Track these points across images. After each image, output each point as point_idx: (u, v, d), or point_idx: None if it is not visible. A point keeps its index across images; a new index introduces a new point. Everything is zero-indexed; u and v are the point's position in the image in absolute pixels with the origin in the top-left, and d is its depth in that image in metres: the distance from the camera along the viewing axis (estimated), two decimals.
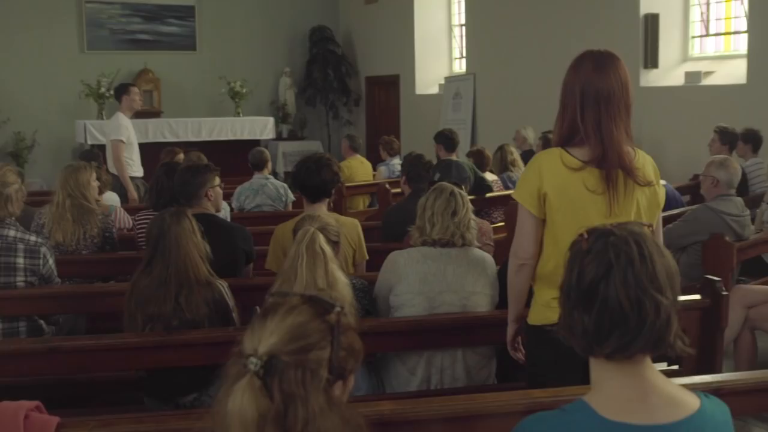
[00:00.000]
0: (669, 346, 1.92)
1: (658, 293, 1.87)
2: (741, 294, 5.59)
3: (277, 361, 1.73)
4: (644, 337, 1.87)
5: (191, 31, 16.38)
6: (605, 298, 1.88)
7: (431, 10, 15.36)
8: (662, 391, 1.93)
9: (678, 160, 9.79)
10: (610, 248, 1.91)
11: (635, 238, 1.92)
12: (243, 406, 1.71)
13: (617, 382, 1.93)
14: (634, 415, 1.88)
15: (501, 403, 2.80)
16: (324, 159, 4.94)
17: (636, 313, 1.86)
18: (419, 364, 3.95)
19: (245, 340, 1.79)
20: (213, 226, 4.74)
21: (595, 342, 1.92)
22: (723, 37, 10.65)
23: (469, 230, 4.05)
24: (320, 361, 1.78)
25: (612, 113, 3.12)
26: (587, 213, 3.06)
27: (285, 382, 1.73)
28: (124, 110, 9.22)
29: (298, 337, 1.77)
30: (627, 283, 1.87)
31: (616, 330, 1.88)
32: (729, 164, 5.96)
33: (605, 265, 1.90)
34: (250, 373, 1.72)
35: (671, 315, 1.89)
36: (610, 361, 1.92)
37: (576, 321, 1.94)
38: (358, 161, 10.53)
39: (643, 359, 1.93)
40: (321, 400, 1.76)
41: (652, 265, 1.88)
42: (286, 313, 1.80)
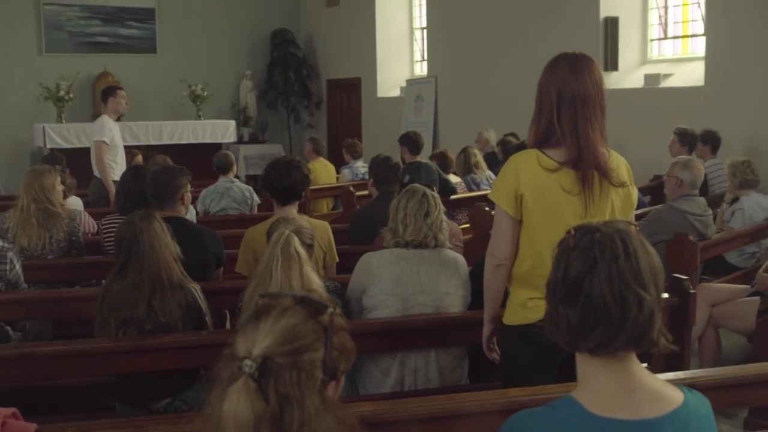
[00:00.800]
0: (652, 343, 1.94)
1: (641, 289, 1.89)
2: (705, 292, 5.68)
3: (272, 363, 1.73)
4: (627, 332, 1.89)
5: (151, 33, 16.25)
6: (589, 293, 1.91)
7: (392, 13, 15.40)
8: (648, 386, 1.96)
9: (638, 161, 9.82)
10: (595, 245, 1.94)
11: (621, 235, 1.95)
12: (238, 408, 1.70)
13: (603, 377, 1.95)
14: (621, 409, 1.91)
15: (479, 403, 2.82)
16: (294, 161, 4.94)
17: (619, 308, 1.89)
18: (393, 365, 3.96)
19: (238, 342, 1.79)
20: (184, 229, 4.72)
21: (579, 337, 1.94)
22: (681, 40, 10.80)
23: (442, 231, 4.08)
24: (314, 362, 1.78)
25: (588, 115, 3.17)
26: (563, 214, 3.10)
27: (280, 384, 1.73)
28: (110, 113, 9.12)
29: (292, 339, 1.77)
30: (611, 278, 1.90)
31: (600, 325, 1.90)
32: (693, 165, 6.06)
33: (590, 261, 1.93)
34: (245, 375, 1.72)
35: (654, 311, 1.92)
36: (595, 357, 1.94)
37: (561, 316, 1.96)
38: (321, 164, 10.52)
39: (628, 355, 1.95)
40: (316, 401, 1.76)
41: (636, 261, 1.91)
42: (279, 315, 1.80)
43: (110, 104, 9.14)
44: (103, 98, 9.35)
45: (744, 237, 6.49)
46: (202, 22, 16.46)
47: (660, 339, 1.96)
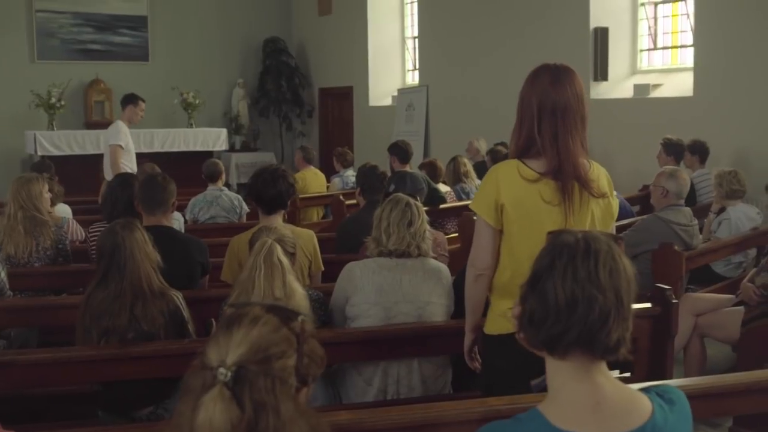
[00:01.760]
0: (606, 348, 1.94)
1: (594, 290, 1.91)
2: (690, 302, 5.70)
3: (247, 371, 1.75)
4: (575, 331, 1.90)
5: (144, 41, 16.25)
6: (544, 288, 1.95)
7: (384, 23, 15.44)
8: (615, 399, 1.96)
9: (627, 171, 9.94)
10: (558, 244, 1.98)
11: (588, 239, 1.98)
12: (214, 417, 1.71)
13: (570, 389, 1.95)
14: (586, 425, 1.91)
15: (458, 412, 2.83)
16: (279, 170, 4.95)
17: (568, 306, 1.91)
18: (376, 374, 3.97)
19: (210, 351, 1.80)
20: (169, 238, 4.74)
21: (533, 330, 1.97)
22: (670, 51, 10.86)
23: (425, 241, 4.09)
24: (287, 369, 1.80)
25: (568, 126, 3.18)
26: (543, 224, 3.10)
27: (255, 392, 1.74)
28: (125, 119, 9.29)
29: (266, 347, 1.79)
30: (565, 276, 1.93)
31: (549, 319, 1.93)
32: (679, 175, 6.08)
33: (550, 258, 1.97)
34: (219, 384, 1.73)
35: (610, 315, 1.91)
36: (565, 362, 1.95)
37: (525, 309, 2.00)
38: (312, 173, 10.54)
39: (595, 365, 1.95)
40: (291, 408, 1.78)
41: (594, 264, 1.93)
42: (251, 323, 1.82)
43: (128, 111, 9.33)
44: (123, 104, 9.47)
45: (730, 247, 6.52)
46: (195, 30, 16.47)
47: (621, 347, 1.95)
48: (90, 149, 13.45)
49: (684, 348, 5.70)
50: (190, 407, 1.74)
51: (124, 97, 9.55)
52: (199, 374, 1.78)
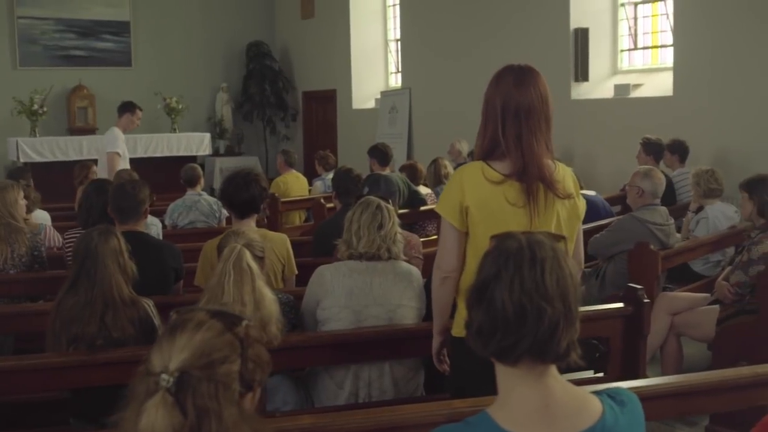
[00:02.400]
0: (558, 356, 1.93)
1: (543, 301, 1.89)
2: (666, 301, 5.72)
3: (189, 377, 1.75)
4: (526, 342, 1.89)
5: (126, 47, 16.21)
6: (492, 298, 1.92)
7: (367, 25, 15.44)
8: (565, 401, 1.95)
9: (608, 171, 9.97)
10: (503, 252, 1.96)
11: (532, 245, 1.95)
12: (156, 423, 1.71)
13: (519, 392, 1.95)
14: (535, 427, 1.91)
15: (423, 414, 2.82)
16: (252, 174, 4.95)
17: (517, 317, 1.89)
18: (347, 377, 3.97)
19: (153, 357, 1.80)
20: (143, 244, 4.72)
21: (483, 342, 1.95)
22: (650, 51, 10.89)
23: (396, 243, 4.09)
24: (231, 375, 1.80)
25: (532, 127, 3.18)
26: (508, 226, 3.09)
27: (198, 397, 1.74)
28: (121, 126, 9.30)
29: (208, 352, 1.79)
30: (512, 287, 1.90)
31: (499, 331, 1.91)
32: (653, 174, 6.09)
33: (496, 267, 1.94)
34: (162, 390, 1.73)
35: (559, 324, 1.90)
36: (514, 369, 1.94)
37: (472, 320, 1.98)
38: (293, 176, 10.53)
39: (544, 369, 1.95)
40: (234, 413, 1.78)
41: (541, 273, 1.91)
42: (195, 329, 1.82)
43: (125, 119, 9.35)
44: (120, 111, 9.47)
45: (707, 246, 6.54)
46: (178, 35, 16.44)
47: (571, 353, 1.94)
48: (73, 155, 13.44)
49: (661, 347, 5.71)
50: (134, 413, 1.74)
51: (122, 105, 9.55)
52: (144, 380, 1.78)
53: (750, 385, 3.39)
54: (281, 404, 3.96)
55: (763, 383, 3.36)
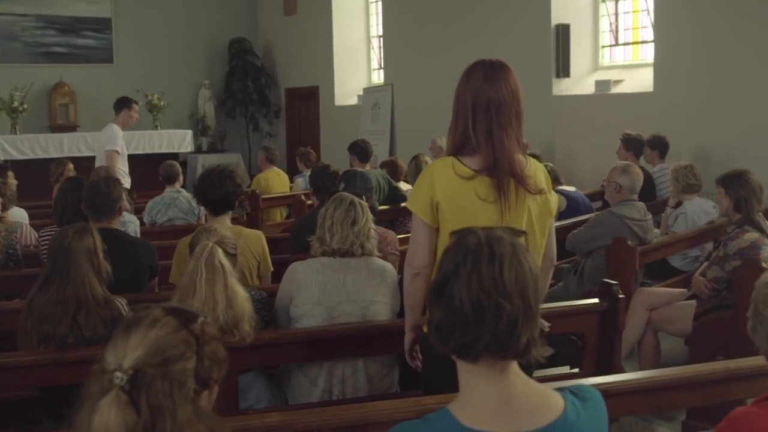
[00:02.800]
0: (518, 353, 1.92)
1: (501, 297, 1.87)
2: (643, 296, 5.73)
3: (143, 374, 1.73)
4: (485, 340, 1.87)
5: (108, 43, 16.13)
6: (451, 295, 1.90)
7: (349, 22, 15.42)
8: (526, 396, 1.94)
9: (589, 167, 9.99)
10: (462, 248, 1.94)
11: (491, 241, 1.93)
12: (110, 421, 1.69)
13: (480, 389, 1.94)
14: (496, 423, 1.89)
15: (392, 411, 2.81)
16: (226, 171, 4.92)
17: (476, 314, 1.88)
18: (320, 374, 3.95)
19: (107, 355, 1.78)
20: (117, 241, 4.69)
21: (440, 339, 1.94)
22: (632, 47, 10.91)
23: (369, 240, 4.07)
24: (186, 372, 1.79)
25: (503, 122, 3.16)
26: (479, 221, 3.07)
27: (152, 395, 1.72)
28: (119, 122, 9.25)
29: (163, 349, 1.77)
30: (470, 284, 1.89)
31: (458, 328, 1.89)
32: (631, 170, 6.10)
33: (455, 264, 1.93)
34: (115, 387, 1.71)
35: (518, 321, 1.89)
36: (475, 365, 1.93)
37: (432, 316, 1.96)
38: (274, 173, 10.51)
39: (505, 365, 1.93)
40: (189, 411, 1.77)
41: (500, 269, 1.89)
42: (149, 326, 1.80)
43: (123, 115, 9.28)
44: (117, 108, 9.39)
45: (685, 241, 6.55)
46: (159, 32, 16.38)
47: (531, 350, 1.93)
48: (53, 153, 13.35)
49: (638, 342, 5.72)
50: (88, 413, 1.72)
51: (118, 101, 9.49)
52: (98, 379, 1.75)
53: (723, 380, 3.40)
54: (254, 402, 3.95)
55: (736, 378, 3.37)
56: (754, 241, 5.23)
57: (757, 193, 5.37)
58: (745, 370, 3.30)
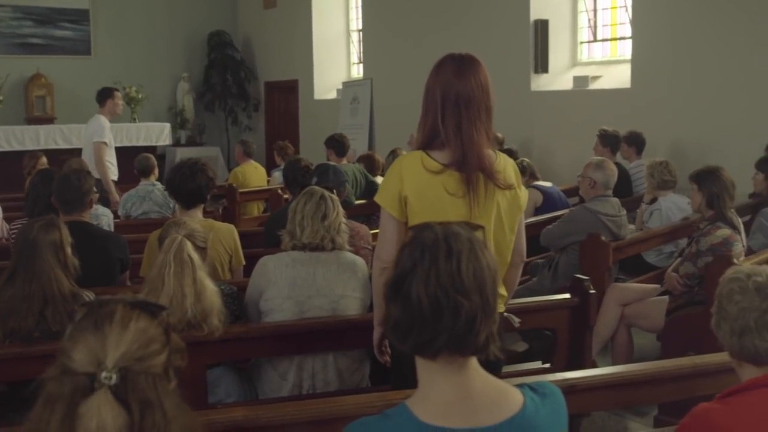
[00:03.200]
0: (477, 349, 1.91)
1: (459, 295, 1.86)
2: (617, 292, 5.74)
3: (128, 371, 1.69)
4: (443, 338, 1.86)
5: (86, 35, 16.00)
6: (408, 293, 1.89)
7: (329, 15, 15.39)
8: (485, 392, 1.93)
9: (566, 162, 10.00)
10: (419, 245, 1.92)
11: (448, 237, 1.92)
12: (105, 424, 1.64)
13: (438, 384, 1.92)
14: (454, 419, 1.88)
15: (357, 406, 2.80)
16: (198, 164, 4.90)
17: (434, 312, 1.86)
18: (290, 369, 3.92)
19: (76, 354, 1.71)
20: (87, 234, 4.67)
21: (398, 337, 1.93)
22: (610, 43, 10.94)
23: (340, 234, 4.05)
24: (163, 364, 1.77)
25: (472, 116, 3.14)
26: (447, 216, 3.05)
27: (139, 391, 1.69)
28: (106, 113, 9.23)
29: (144, 344, 1.74)
30: (428, 281, 1.87)
31: (416, 326, 1.88)
32: (605, 166, 6.11)
33: (412, 261, 1.91)
34: (104, 387, 1.67)
35: (476, 318, 1.87)
36: (434, 362, 1.92)
37: (389, 314, 1.95)
38: (251, 167, 10.47)
39: (464, 361, 1.92)
40: (174, 403, 1.75)
41: (457, 266, 1.88)
42: (124, 321, 1.76)
43: (108, 105, 9.26)
44: (99, 99, 9.37)
45: (660, 237, 6.57)
46: (138, 24, 16.27)
47: (490, 346, 1.92)
48: (30, 145, 13.24)
49: (612, 338, 5.73)
50: (59, 416, 1.67)
51: (100, 93, 9.47)
52: (66, 380, 1.70)
53: (691, 376, 3.41)
54: (224, 396, 3.92)
55: (704, 374, 3.38)
56: (726, 237, 5.25)
57: (730, 190, 5.39)
58: (711, 366, 3.32)
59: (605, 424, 5.10)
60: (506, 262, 3.32)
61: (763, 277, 2.50)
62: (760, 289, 2.47)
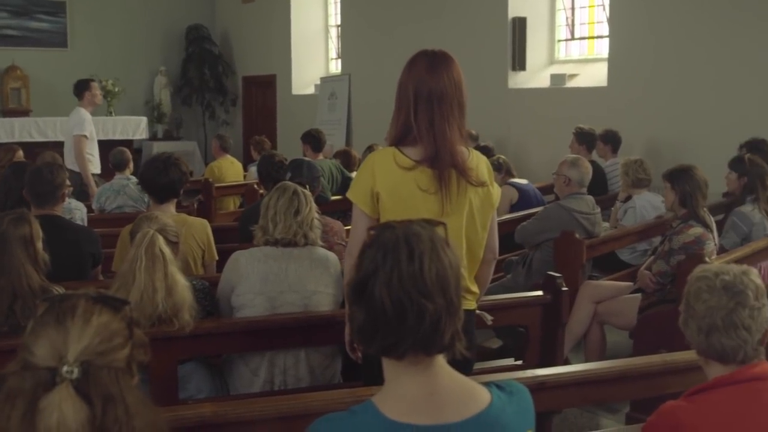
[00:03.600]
0: (442, 348, 1.91)
1: (422, 297, 1.85)
2: (590, 289, 5.76)
3: (90, 365, 1.68)
4: (409, 340, 1.86)
5: (62, 27, 15.91)
6: (371, 296, 1.87)
7: (307, 11, 15.36)
8: (451, 389, 1.93)
9: (543, 160, 10.03)
10: (380, 247, 1.91)
11: (410, 238, 1.90)
12: (65, 419, 1.63)
13: (404, 381, 1.92)
14: (420, 415, 1.88)
15: (326, 402, 2.79)
16: (172, 158, 4.88)
17: (397, 315, 1.85)
18: (262, 364, 3.91)
19: (38, 349, 1.70)
20: (59, 228, 4.63)
21: (363, 341, 1.93)
22: (587, 41, 10.98)
23: (313, 229, 4.04)
24: (126, 358, 1.77)
25: (445, 113, 3.14)
26: (419, 212, 3.05)
27: (101, 386, 1.68)
28: (86, 105, 9.19)
29: (107, 338, 1.74)
30: (390, 284, 1.86)
31: (381, 330, 1.87)
32: (580, 163, 6.13)
33: (374, 264, 1.90)
34: (65, 382, 1.66)
35: (441, 319, 1.87)
36: (399, 361, 1.92)
37: (354, 316, 1.94)
38: (228, 161, 10.43)
39: (430, 359, 1.92)
40: (137, 397, 1.75)
41: (420, 268, 1.86)
42: (86, 315, 1.75)
43: (86, 97, 9.23)
44: (77, 92, 9.33)
45: (633, 235, 6.59)
46: (115, 17, 16.18)
47: (456, 344, 1.92)
48: (4, 138, 13.04)
49: (585, 335, 5.76)
50: (19, 411, 1.65)
51: (77, 85, 9.44)
52: (27, 375, 1.69)
53: (661, 373, 3.43)
54: (195, 392, 3.90)
55: (673, 371, 3.40)
56: (698, 236, 5.28)
57: (702, 189, 5.42)
58: (682, 364, 3.33)
59: (577, 420, 5.11)
60: (478, 259, 3.32)
61: (730, 275, 2.52)
62: (728, 288, 2.49)
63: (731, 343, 2.47)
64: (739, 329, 2.47)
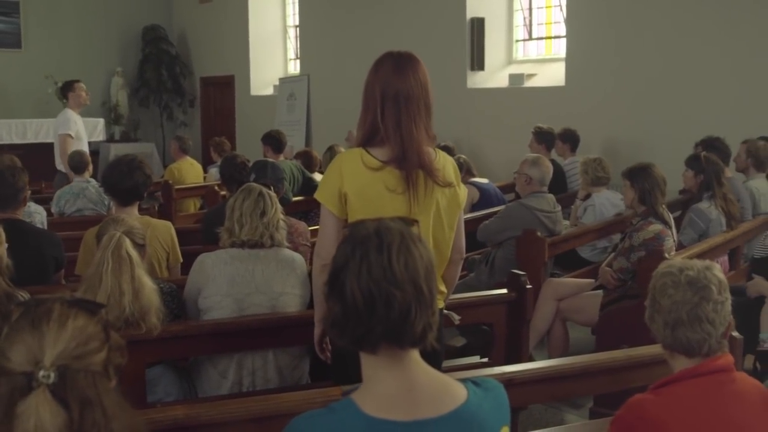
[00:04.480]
0: (415, 341, 1.93)
1: (391, 287, 1.88)
2: (552, 287, 5.83)
3: (67, 370, 1.68)
4: (378, 331, 1.89)
5: (16, 27, 15.67)
6: (342, 288, 1.91)
7: (265, 11, 15.31)
8: (427, 385, 1.96)
9: (502, 159, 10.12)
10: (351, 240, 1.95)
11: (380, 231, 1.94)
12: (43, 423, 1.63)
13: (381, 378, 1.95)
14: (398, 411, 1.91)
15: (297, 402, 2.81)
16: (136, 161, 4.85)
17: (367, 306, 1.88)
18: (230, 367, 3.91)
19: (14, 354, 1.69)
20: (19, 232, 4.57)
21: (336, 333, 1.95)
22: (544, 41, 11.09)
23: (279, 230, 4.05)
24: (103, 362, 1.76)
25: (412, 113, 3.16)
26: (386, 213, 3.04)
27: (79, 390, 1.68)
28: (73, 106, 9.26)
29: (84, 342, 1.73)
30: (360, 276, 1.89)
31: (351, 320, 1.90)
32: (541, 162, 6.19)
33: (345, 257, 1.93)
34: (42, 386, 1.65)
35: (411, 308, 1.90)
36: (375, 356, 1.94)
37: (329, 310, 1.97)
38: (187, 163, 10.36)
39: (405, 354, 1.95)
40: (114, 401, 1.75)
41: (388, 258, 1.90)
42: (61, 319, 1.75)
43: (71, 99, 9.34)
44: (63, 94, 9.50)
45: (594, 232, 6.68)
46: (71, 17, 15.98)
47: (427, 336, 1.95)
48: None
49: (548, 332, 5.82)
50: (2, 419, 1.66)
51: (61, 88, 9.59)
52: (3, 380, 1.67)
53: (625, 368, 3.49)
54: (163, 395, 3.89)
55: (637, 366, 3.46)
56: (658, 232, 5.36)
57: (661, 186, 5.50)
58: (644, 358, 3.40)
59: (542, 416, 5.17)
60: (446, 259, 3.35)
61: (694, 271, 2.58)
62: (692, 283, 2.55)
63: (696, 336, 2.53)
64: (703, 323, 2.53)
